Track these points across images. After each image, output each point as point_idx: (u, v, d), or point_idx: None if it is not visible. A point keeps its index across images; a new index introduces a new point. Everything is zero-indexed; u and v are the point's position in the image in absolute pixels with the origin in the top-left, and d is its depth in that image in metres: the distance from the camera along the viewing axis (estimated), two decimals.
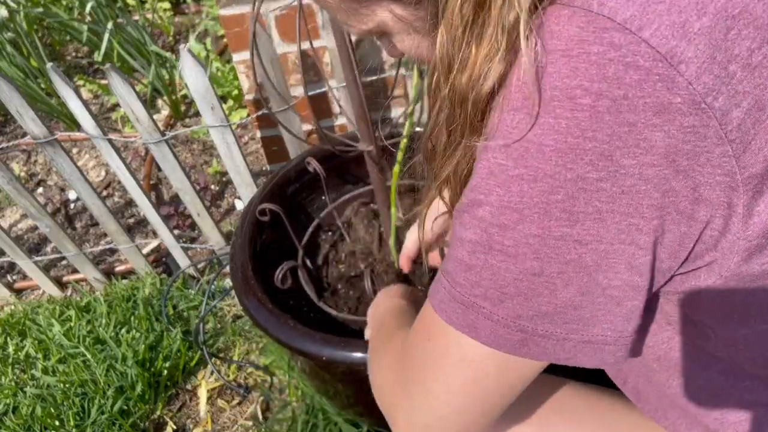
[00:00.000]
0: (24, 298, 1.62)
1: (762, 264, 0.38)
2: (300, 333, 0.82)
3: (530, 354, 0.41)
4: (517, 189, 0.37)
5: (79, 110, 1.15)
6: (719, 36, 0.33)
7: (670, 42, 0.33)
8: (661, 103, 0.33)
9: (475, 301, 0.41)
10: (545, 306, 0.39)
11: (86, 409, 1.24)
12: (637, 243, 0.37)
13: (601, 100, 0.34)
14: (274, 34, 1.21)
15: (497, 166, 0.37)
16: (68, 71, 2.24)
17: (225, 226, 1.65)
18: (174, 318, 1.40)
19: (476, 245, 0.40)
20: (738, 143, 0.34)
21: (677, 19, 0.33)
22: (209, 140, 1.93)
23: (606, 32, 0.34)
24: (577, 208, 0.36)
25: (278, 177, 1.11)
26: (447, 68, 0.40)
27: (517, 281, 0.39)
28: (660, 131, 0.34)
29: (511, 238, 0.38)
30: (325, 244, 1.16)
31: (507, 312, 0.40)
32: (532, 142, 0.36)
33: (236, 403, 1.27)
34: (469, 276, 0.41)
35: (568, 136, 0.35)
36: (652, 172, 0.35)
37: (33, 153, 2.02)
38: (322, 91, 1.30)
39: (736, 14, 0.34)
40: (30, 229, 1.80)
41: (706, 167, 0.35)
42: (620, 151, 0.34)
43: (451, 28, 0.39)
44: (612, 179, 0.35)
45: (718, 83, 0.33)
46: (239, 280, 0.92)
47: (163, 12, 2.38)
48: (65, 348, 1.35)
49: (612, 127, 0.34)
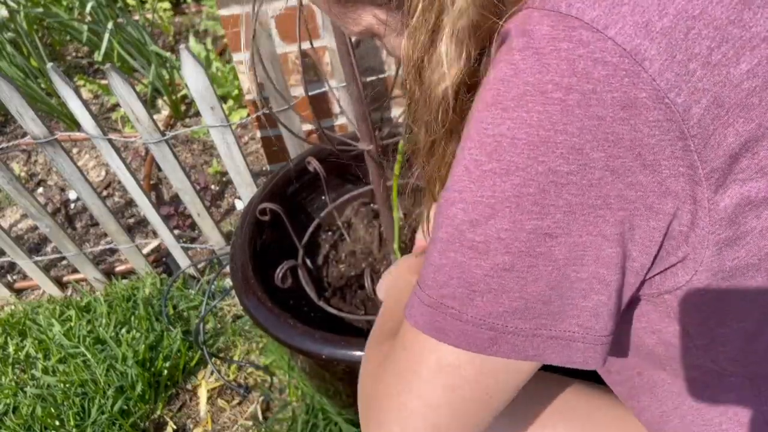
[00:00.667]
0: (24, 298, 1.62)
1: (733, 259, 0.40)
2: (300, 332, 0.82)
3: (500, 352, 0.41)
4: (490, 183, 0.37)
5: (79, 110, 1.15)
6: (680, 35, 0.35)
7: (634, 40, 0.35)
8: (628, 97, 0.35)
9: (443, 302, 0.41)
10: (515, 302, 0.39)
11: (86, 409, 1.24)
12: (604, 234, 0.38)
13: (572, 94, 0.35)
14: (274, 34, 1.21)
15: (472, 161, 0.38)
16: (68, 71, 2.25)
17: (225, 226, 1.65)
18: (174, 318, 1.40)
19: (446, 244, 0.40)
20: (699, 138, 0.36)
21: (640, 19, 0.35)
22: (209, 140, 1.93)
23: (575, 30, 0.35)
24: (548, 200, 0.37)
25: (278, 177, 1.11)
26: (415, 70, 0.42)
27: (487, 278, 0.39)
28: (626, 125, 0.35)
29: (481, 233, 0.38)
30: (325, 243, 1.16)
31: (476, 311, 0.40)
32: (505, 136, 0.36)
33: (236, 403, 1.27)
34: (438, 277, 0.41)
35: (540, 129, 0.36)
36: (618, 164, 0.36)
37: (33, 153, 2.02)
38: (322, 91, 1.30)
39: (697, 15, 0.35)
40: (30, 229, 1.81)
41: (670, 160, 0.36)
42: (590, 144, 0.36)
43: (416, 31, 0.41)
44: (581, 172, 0.36)
45: (679, 80, 0.35)
46: (239, 280, 0.92)
47: (163, 12, 2.38)
48: (65, 348, 1.35)
49: (582, 120, 0.35)
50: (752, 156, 0.37)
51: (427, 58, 0.42)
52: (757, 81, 0.36)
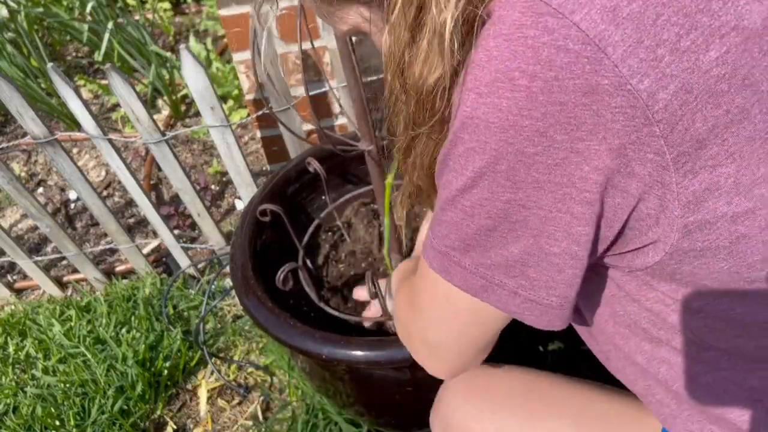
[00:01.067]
0: (24, 298, 1.62)
1: (704, 241, 0.41)
2: (300, 332, 0.82)
3: (490, 300, 0.47)
4: (471, 159, 0.41)
5: (79, 110, 1.15)
6: (648, 21, 0.36)
7: (599, 26, 0.36)
8: (590, 84, 0.36)
9: (447, 251, 0.47)
10: (499, 257, 0.45)
11: (86, 408, 1.24)
12: (572, 212, 0.41)
13: (536, 82, 0.37)
14: (275, 34, 1.21)
15: (458, 138, 0.42)
16: (68, 71, 2.25)
17: (225, 226, 1.65)
18: (174, 318, 1.40)
19: (445, 203, 0.45)
20: (665, 123, 0.37)
21: (608, 4, 0.36)
22: (209, 140, 1.93)
23: (541, 17, 0.36)
24: (519, 177, 0.40)
25: (278, 177, 1.11)
26: (396, 65, 0.45)
27: (477, 235, 0.44)
28: (588, 110, 0.37)
29: (468, 200, 0.43)
30: (325, 244, 1.16)
31: (471, 260, 0.46)
32: (480, 119, 0.40)
33: (236, 403, 1.27)
34: (441, 229, 0.47)
35: (508, 114, 0.38)
36: (583, 146, 0.38)
37: (33, 153, 2.02)
38: (323, 91, 1.30)
39: (666, 2, 0.36)
40: (30, 229, 1.81)
41: (636, 145, 0.38)
42: (553, 128, 0.38)
43: (395, 28, 0.44)
44: (547, 153, 0.39)
45: (644, 66, 0.36)
46: (239, 280, 0.92)
47: (163, 12, 2.38)
48: (65, 348, 1.35)
49: (545, 106, 0.37)
50: (722, 142, 0.38)
51: (408, 53, 0.44)
52: (726, 68, 0.37)
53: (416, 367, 0.61)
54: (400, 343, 0.77)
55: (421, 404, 0.79)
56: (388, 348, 0.78)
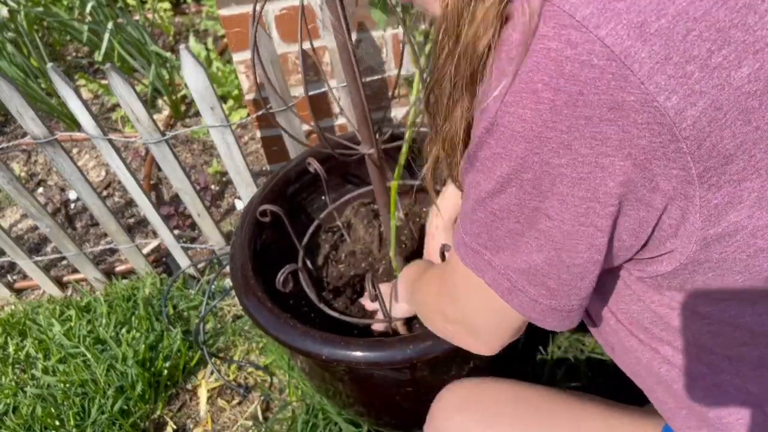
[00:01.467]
0: (24, 298, 1.62)
1: (720, 253, 0.41)
2: (300, 332, 0.82)
3: (513, 303, 0.48)
4: (498, 163, 0.41)
5: (79, 110, 1.15)
6: (677, 37, 0.35)
7: (625, 42, 0.35)
8: (615, 100, 0.35)
9: (479, 249, 0.48)
10: (523, 263, 0.45)
11: (86, 408, 1.24)
12: (596, 225, 0.41)
13: (560, 95, 0.36)
14: (274, 34, 1.21)
15: (484, 142, 0.42)
16: (68, 71, 2.24)
17: (225, 226, 1.65)
18: (174, 318, 1.40)
19: (475, 203, 0.46)
20: (692, 140, 0.36)
21: (635, 19, 0.35)
22: (209, 140, 1.93)
23: (564, 29, 0.36)
24: (544, 187, 0.40)
25: (278, 177, 1.11)
26: (455, 22, 0.43)
27: (506, 237, 0.45)
28: (614, 125, 0.36)
29: (497, 203, 0.44)
30: (325, 244, 1.16)
31: (501, 261, 0.47)
32: (506, 126, 0.39)
33: (236, 403, 1.27)
34: (473, 228, 0.47)
35: (533, 125, 0.38)
36: (607, 161, 0.37)
37: (33, 153, 2.02)
38: (323, 91, 1.30)
39: (698, 17, 0.35)
40: (30, 229, 1.81)
41: (662, 161, 0.37)
42: (578, 141, 0.37)
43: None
44: (572, 166, 0.38)
45: (672, 83, 0.35)
46: (239, 280, 0.92)
47: (163, 12, 2.38)
48: (65, 348, 1.35)
49: (570, 119, 0.37)
50: (749, 158, 0.37)
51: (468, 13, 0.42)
52: (758, 84, 0.36)
53: (416, 367, 0.61)
54: (400, 344, 0.77)
55: (420, 404, 0.79)
56: (387, 349, 0.78)
